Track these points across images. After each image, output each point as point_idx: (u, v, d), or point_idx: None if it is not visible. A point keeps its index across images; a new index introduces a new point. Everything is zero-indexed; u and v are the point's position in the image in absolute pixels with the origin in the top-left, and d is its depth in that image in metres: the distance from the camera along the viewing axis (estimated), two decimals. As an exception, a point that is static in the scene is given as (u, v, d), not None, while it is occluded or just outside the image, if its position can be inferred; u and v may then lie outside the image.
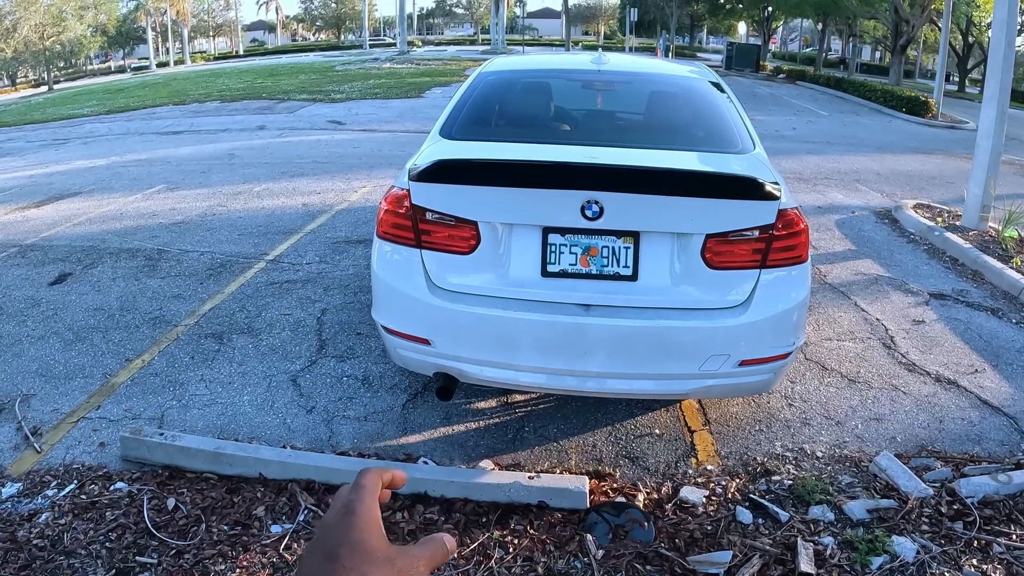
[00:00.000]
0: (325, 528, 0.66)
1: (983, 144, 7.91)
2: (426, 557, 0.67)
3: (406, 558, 0.65)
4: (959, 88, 39.99)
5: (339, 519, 0.66)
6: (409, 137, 14.19)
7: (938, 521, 3.18)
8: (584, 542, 3.04)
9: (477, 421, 4.07)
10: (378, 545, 0.64)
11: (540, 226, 3.27)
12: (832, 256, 7.17)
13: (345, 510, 0.66)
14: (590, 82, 4.99)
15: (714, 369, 3.29)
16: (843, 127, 18.93)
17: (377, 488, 0.70)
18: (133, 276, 6.32)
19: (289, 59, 51.87)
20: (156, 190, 9.91)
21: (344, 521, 0.65)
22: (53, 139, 16.97)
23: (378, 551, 0.63)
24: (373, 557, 0.63)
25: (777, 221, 3.23)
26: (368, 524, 0.65)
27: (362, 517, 0.66)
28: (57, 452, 3.79)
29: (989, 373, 4.72)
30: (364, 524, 0.65)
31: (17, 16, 44.36)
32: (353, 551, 0.62)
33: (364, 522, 0.65)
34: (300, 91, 24.66)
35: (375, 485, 0.70)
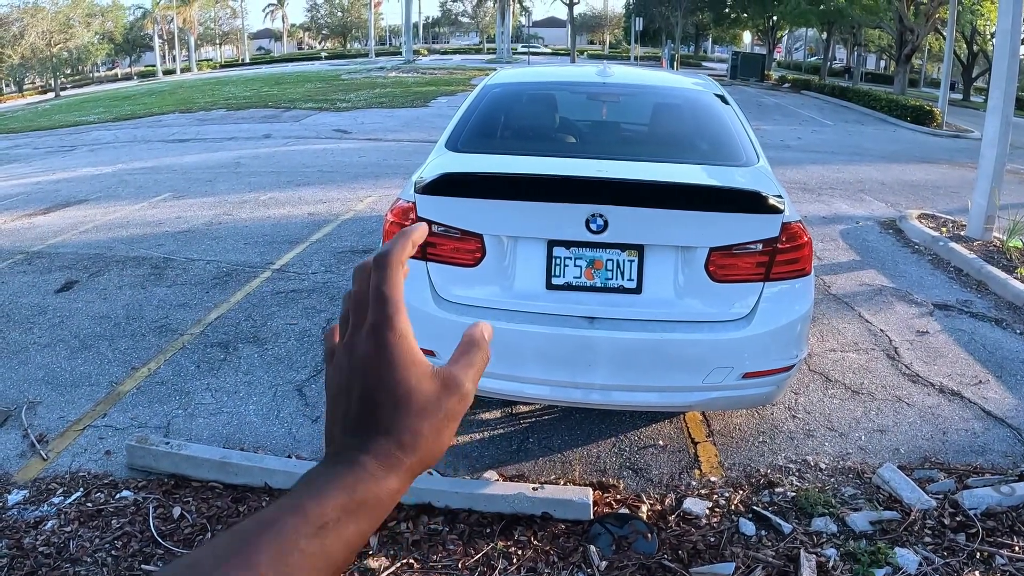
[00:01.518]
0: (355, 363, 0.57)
1: (987, 154, 7.92)
2: (470, 377, 0.59)
3: (451, 390, 0.57)
4: (964, 97, 39.98)
5: (370, 357, 0.56)
6: (415, 146, 14.23)
7: (941, 533, 3.18)
8: (587, 553, 3.05)
9: (481, 432, 4.09)
10: (419, 384, 0.56)
11: (545, 239, 3.29)
12: (836, 267, 7.17)
13: (376, 343, 0.56)
14: (595, 94, 5.02)
15: (718, 381, 3.30)
16: (848, 137, 18.94)
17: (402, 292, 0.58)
18: (139, 284, 6.35)
19: (295, 67, 52.06)
20: (162, 198, 9.96)
21: (376, 357, 0.56)
22: (60, 146, 17.06)
23: (422, 393, 0.56)
24: (418, 403, 0.55)
25: (781, 234, 3.25)
26: (404, 358, 0.56)
27: (395, 350, 0.56)
28: (63, 460, 3.81)
29: (993, 384, 4.72)
30: (400, 359, 0.56)
31: (24, 23, 44.64)
32: (395, 400, 0.55)
33: (400, 356, 0.56)
34: (306, 100, 24.75)
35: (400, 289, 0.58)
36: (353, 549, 0.51)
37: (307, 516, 0.49)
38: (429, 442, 0.55)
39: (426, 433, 0.55)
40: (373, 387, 0.55)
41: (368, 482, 0.52)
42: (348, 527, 0.51)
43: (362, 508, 0.52)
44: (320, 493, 0.51)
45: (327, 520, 0.50)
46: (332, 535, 0.50)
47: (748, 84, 40.02)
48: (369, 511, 0.52)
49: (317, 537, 0.49)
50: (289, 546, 0.48)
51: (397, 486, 0.54)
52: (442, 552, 3.09)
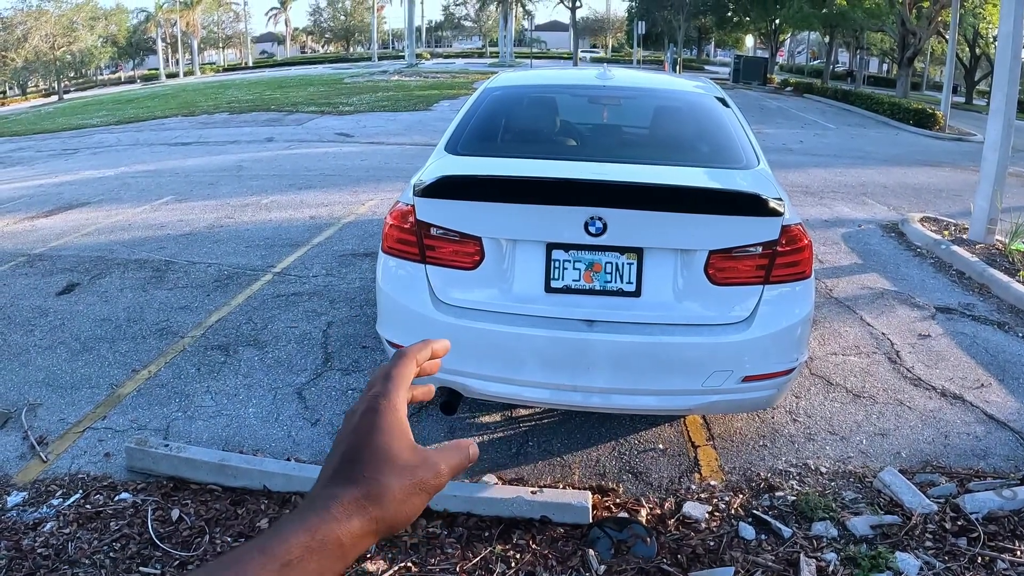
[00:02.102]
0: (348, 426, 0.64)
1: (990, 157, 7.91)
2: (449, 465, 0.64)
3: (427, 467, 0.62)
4: (966, 100, 39.94)
5: (362, 419, 0.63)
6: (417, 150, 14.24)
7: (942, 537, 3.17)
8: (586, 557, 3.04)
9: (481, 435, 4.08)
10: (400, 451, 0.61)
11: (544, 242, 3.29)
12: (838, 270, 7.16)
13: (369, 408, 0.63)
14: (595, 97, 5.02)
15: (717, 385, 3.29)
16: (850, 140, 18.93)
17: (409, 378, 0.67)
18: (140, 287, 6.35)
19: (298, 71, 52.14)
20: (164, 201, 9.97)
21: (367, 422, 0.62)
22: (63, 149, 17.09)
23: (399, 458, 0.61)
24: (393, 465, 0.60)
25: (780, 237, 3.24)
26: (392, 426, 0.62)
27: (387, 417, 0.63)
28: (63, 462, 3.81)
29: (995, 387, 4.70)
30: (388, 425, 0.62)
31: (28, 26, 44.76)
32: (373, 457, 0.60)
33: (388, 423, 0.62)
34: (308, 103, 24.81)
35: (406, 375, 0.67)
36: None
37: (272, 554, 0.53)
38: (396, 502, 0.60)
39: (395, 491, 0.60)
40: (357, 446, 0.61)
41: (330, 523, 0.57)
42: (309, 565, 0.54)
43: (324, 548, 0.55)
44: (285, 533, 0.55)
45: (291, 558, 0.53)
46: (294, 573, 0.53)
47: (750, 88, 40.03)
48: (330, 552, 0.56)
49: (280, 574, 0.52)
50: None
51: (359, 531, 0.58)
52: (440, 555, 3.08)
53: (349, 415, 0.65)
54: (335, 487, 0.59)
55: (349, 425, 0.63)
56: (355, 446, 0.61)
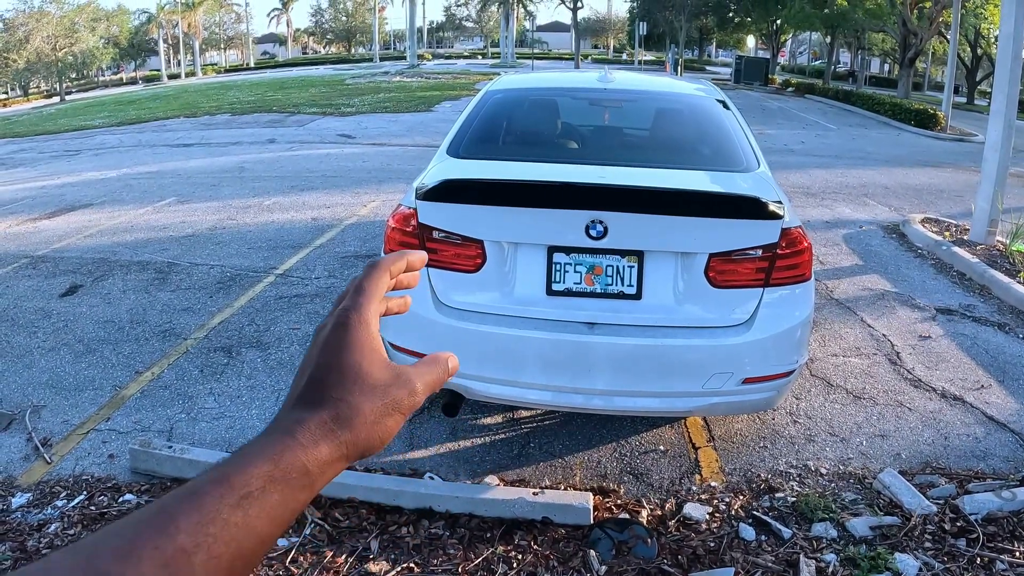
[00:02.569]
0: (315, 346, 0.59)
1: (991, 157, 7.92)
2: (425, 381, 0.60)
3: (401, 384, 0.58)
4: (968, 100, 39.94)
5: (330, 336, 0.58)
6: (419, 151, 14.27)
7: (941, 538, 3.19)
8: (587, 558, 3.06)
9: (483, 437, 4.10)
10: (372, 369, 0.57)
11: (545, 245, 3.31)
12: (839, 271, 7.17)
13: (338, 324, 0.59)
14: (596, 100, 5.03)
15: (718, 387, 3.31)
16: (851, 140, 18.93)
17: (382, 290, 0.62)
18: (143, 289, 6.37)
19: (299, 72, 52.18)
20: (167, 203, 10.00)
21: (335, 339, 0.58)
22: (65, 150, 17.12)
23: (370, 376, 0.57)
24: (364, 384, 0.56)
25: (780, 240, 3.25)
26: (362, 342, 0.58)
27: (356, 333, 0.58)
28: (67, 463, 3.83)
29: (995, 389, 4.72)
30: (358, 341, 0.58)
31: (30, 27, 44.80)
32: (342, 376, 0.56)
33: (358, 339, 0.58)
34: (310, 104, 24.83)
35: (379, 286, 0.62)
36: (278, 522, 0.50)
37: (230, 485, 0.49)
38: (368, 423, 0.55)
39: (366, 412, 0.55)
40: (325, 365, 0.57)
41: (295, 450, 0.52)
42: (272, 497, 0.50)
43: (287, 477, 0.51)
44: (245, 462, 0.50)
45: (251, 489, 0.49)
46: (256, 505, 0.49)
47: (752, 88, 40.03)
48: (295, 481, 0.51)
49: (240, 507, 0.48)
50: (210, 515, 0.47)
51: (327, 457, 0.53)
52: (442, 556, 3.10)
53: (318, 331, 0.60)
54: (300, 410, 0.55)
55: (317, 342, 0.59)
56: (322, 365, 0.57)
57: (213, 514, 0.47)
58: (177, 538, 0.45)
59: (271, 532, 0.50)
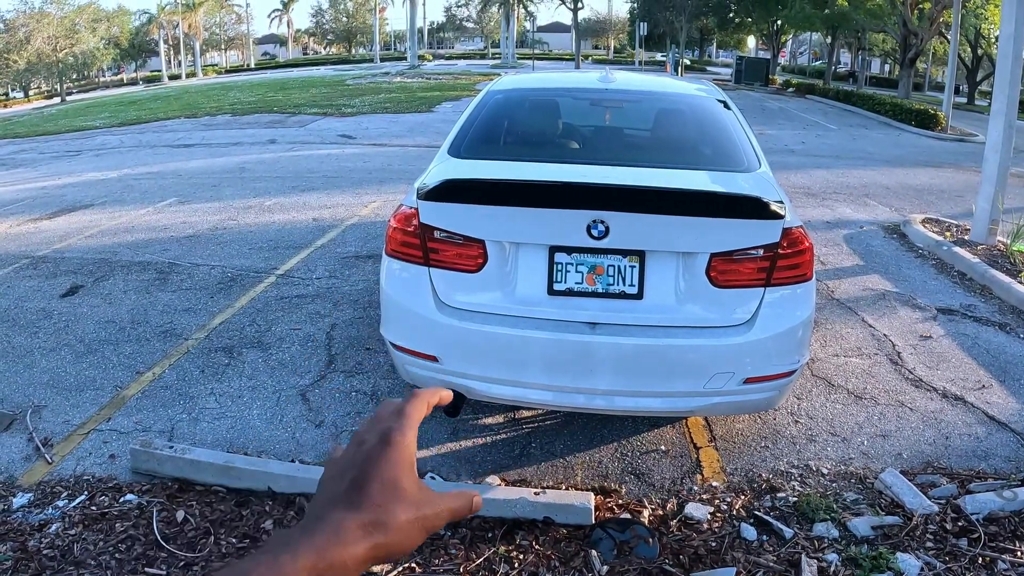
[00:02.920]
0: (359, 453, 0.65)
1: (991, 158, 7.92)
2: (450, 509, 0.66)
3: (431, 506, 0.64)
4: (968, 100, 39.91)
5: (375, 448, 0.64)
6: (419, 152, 14.27)
7: (943, 538, 3.18)
8: (589, 558, 3.06)
9: (484, 437, 4.10)
10: (409, 486, 0.63)
11: (547, 245, 3.31)
12: (840, 271, 7.17)
13: (383, 440, 0.65)
14: (597, 100, 5.03)
15: (719, 387, 3.31)
16: (852, 141, 18.93)
17: (420, 418, 0.69)
18: (144, 289, 6.37)
19: (300, 72, 52.19)
20: (168, 203, 10.00)
21: (379, 452, 0.64)
22: (65, 151, 17.12)
23: (408, 492, 0.63)
24: (401, 497, 0.62)
25: (782, 240, 3.25)
26: (403, 461, 0.64)
27: (399, 452, 0.64)
28: (68, 463, 3.83)
29: (996, 389, 4.71)
30: (400, 460, 0.64)
31: (30, 28, 44.81)
32: (384, 487, 0.62)
33: (401, 457, 0.64)
34: (311, 105, 24.84)
35: (419, 415, 0.69)
36: None
37: (280, 572, 0.54)
38: (400, 531, 0.61)
39: (401, 523, 0.61)
40: (367, 474, 0.63)
41: (338, 547, 0.58)
42: None
43: (329, 570, 0.57)
44: (295, 551, 0.56)
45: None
46: None
47: (753, 89, 40.01)
48: (335, 573, 0.57)
49: None
50: None
51: (363, 557, 0.59)
52: (444, 556, 3.10)
53: (358, 442, 0.66)
54: (344, 511, 0.60)
55: (360, 452, 0.65)
56: (366, 473, 0.62)
57: None
58: None
59: None
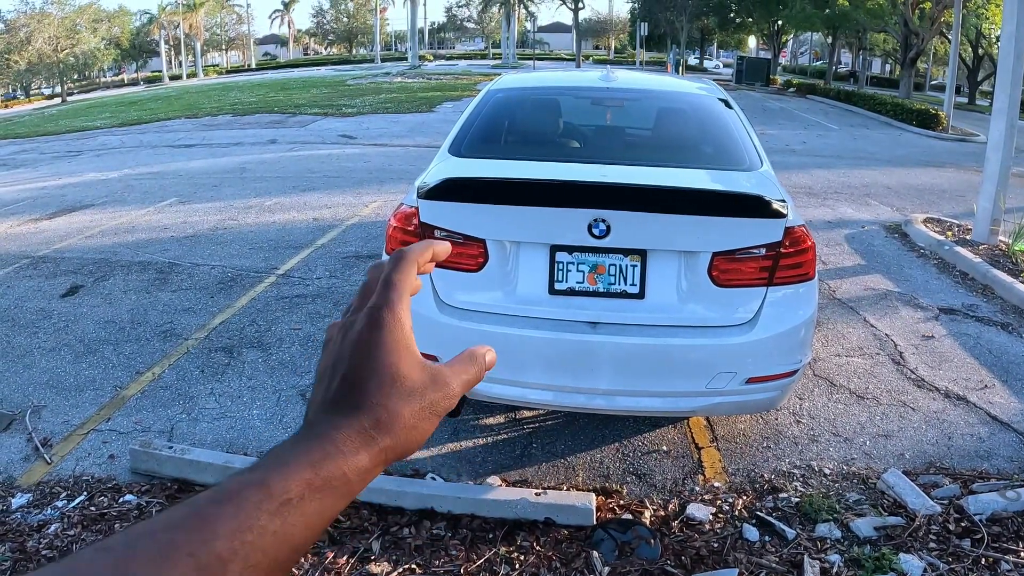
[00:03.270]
0: (346, 344, 0.56)
1: (992, 157, 7.91)
2: (460, 380, 0.58)
3: (438, 386, 0.56)
4: (969, 100, 39.91)
5: (363, 334, 0.56)
6: (420, 152, 14.26)
7: (946, 539, 3.17)
8: (590, 559, 3.05)
9: (485, 437, 4.08)
10: (408, 371, 0.55)
11: (548, 244, 3.29)
12: (841, 271, 7.16)
13: (371, 323, 0.56)
14: (599, 99, 5.02)
15: (721, 387, 3.29)
16: (853, 141, 18.91)
17: (411, 285, 0.60)
18: (144, 289, 6.36)
19: (301, 73, 52.21)
20: (168, 203, 9.99)
21: (369, 339, 0.55)
22: (66, 151, 17.12)
23: (408, 379, 0.55)
24: (401, 388, 0.54)
25: (784, 239, 3.24)
26: (398, 343, 0.56)
27: (392, 333, 0.56)
28: (67, 464, 3.82)
29: (999, 389, 4.70)
30: (394, 342, 0.55)
31: (31, 28, 44.86)
32: (380, 380, 0.54)
33: (394, 340, 0.56)
34: (312, 105, 24.84)
35: (410, 281, 0.59)
36: (314, 529, 0.49)
37: (270, 491, 0.47)
38: (407, 428, 0.54)
39: (405, 417, 0.54)
40: (359, 366, 0.55)
41: (336, 458, 0.50)
42: (311, 505, 0.48)
43: (328, 486, 0.50)
44: (285, 468, 0.49)
45: (290, 496, 0.48)
46: (294, 513, 0.47)
47: (753, 89, 40.01)
48: (335, 489, 0.50)
49: (278, 515, 0.47)
50: (248, 522, 0.45)
51: (367, 465, 0.52)
52: (444, 557, 3.08)
53: (343, 328, 0.58)
54: (338, 415, 0.53)
55: (348, 341, 0.56)
56: (357, 367, 0.54)
57: (251, 521, 0.45)
58: (214, 544, 0.43)
59: (306, 540, 0.49)
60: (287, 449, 0.51)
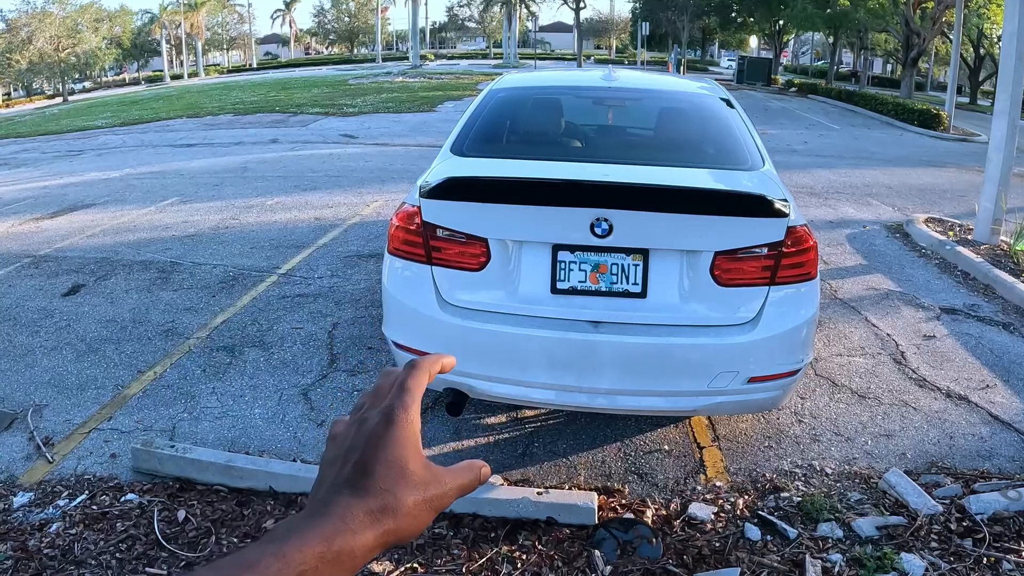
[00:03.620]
0: (361, 434, 0.62)
1: (994, 157, 7.90)
2: (458, 485, 0.63)
3: (439, 485, 0.61)
4: (971, 100, 39.90)
5: (377, 428, 0.61)
6: (421, 151, 14.26)
7: (947, 538, 3.17)
8: (592, 558, 3.05)
9: (487, 436, 4.08)
10: (415, 467, 0.60)
11: (550, 243, 3.29)
12: (843, 271, 7.16)
13: (386, 419, 0.62)
14: (600, 99, 5.02)
15: (723, 386, 3.29)
16: (854, 141, 18.90)
17: (422, 390, 0.65)
18: (146, 288, 6.37)
19: (302, 72, 52.21)
20: (169, 203, 9.99)
21: (383, 432, 0.61)
22: (68, 150, 17.12)
23: (414, 473, 0.60)
24: (408, 480, 0.59)
25: (786, 238, 3.24)
26: (408, 440, 0.61)
27: (403, 430, 0.61)
28: (69, 463, 3.82)
29: (1000, 388, 4.70)
30: (404, 439, 0.61)
31: (33, 28, 44.88)
32: (389, 470, 0.59)
33: (405, 436, 0.61)
34: (313, 104, 24.84)
35: (420, 387, 0.65)
36: None
37: (287, 561, 0.52)
38: (409, 516, 0.59)
39: (409, 506, 0.59)
40: (372, 457, 0.60)
41: (347, 534, 0.55)
42: (322, 575, 0.53)
43: (337, 560, 0.54)
44: (302, 540, 0.54)
45: (305, 568, 0.52)
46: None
47: (755, 88, 39.99)
48: (342, 564, 0.55)
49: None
50: None
51: (371, 544, 0.57)
52: (447, 557, 3.08)
53: (357, 422, 0.64)
54: (349, 496, 0.58)
55: (362, 433, 0.62)
56: (370, 456, 0.60)
57: None
58: None
59: None
60: (303, 523, 0.56)
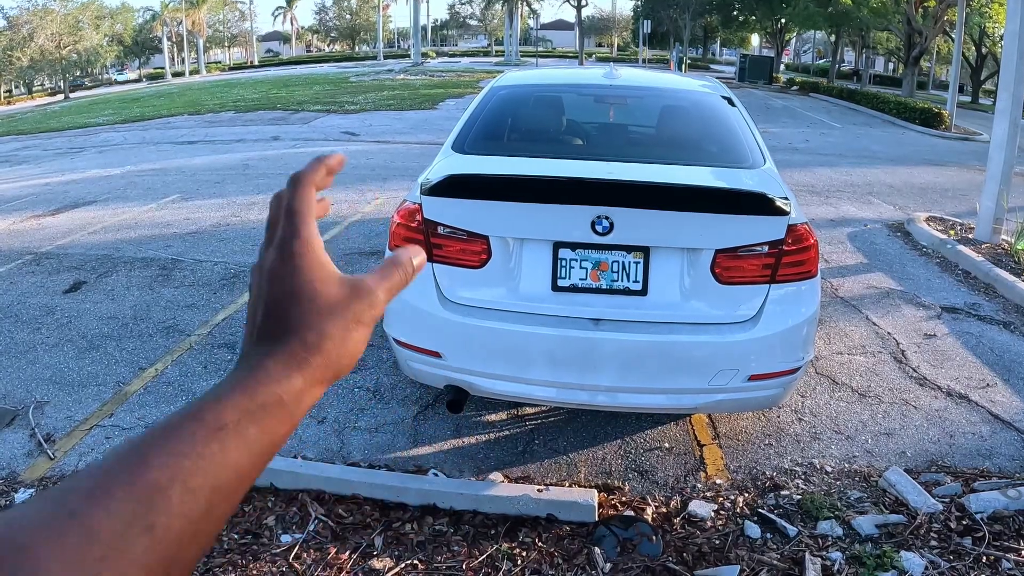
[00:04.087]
0: (263, 279, 0.57)
1: (995, 156, 7.90)
2: (384, 287, 0.59)
3: (362, 296, 0.57)
4: (972, 99, 39.84)
5: (275, 266, 0.57)
6: (423, 149, 14.25)
7: (947, 537, 3.17)
8: (592, 555, 3.05)
9: (487, 433, 4.09)
10: (326, 290, 0.56)
11: (551, 241, 3.30)
12: (844, 269, 7.16)
13: (281, 254, 0.57)
14: (602, 96, 5.02)
15: (723, 384, 3.29)
16: (856, 139, 18.88)
17: (313, 205, 0.61)
18: (147, 285, 6.37)
19: (304, 70, 52.20)
20: (171, 200, 10.00)
21: (281, 268, 0.56)
22: (69, 147, 17.13)
23: (328, 295, 0.55)
24: (322, 305, 0.55)
25: (787, 236, 3.24)
26: (311, 267, 0.56)
27: (303, 259, 0.56)
28: (70, 459, 3.83)
29: (1000, 387, 4.70)
30: (307, 266, 0.56)
31: (34, 25, 44.92)
32: (298, 305, 0.55)
33: (307, 264, 0.56)
34: (314, 102, 24.83)
35: (310, 202, 0.60)
36: (258, 456, 0.50)
37: (203, 419, 0.48)
38: (336, 343, 0.55)
39: (331, 333, 0.55)
40: (279, 296, 0.55)
41: (268, 383, 0.51)
42: (248, 429, 0.49)
43: (263, 409, 0.50)
44: (218, 397, 0.50)
45: (225, 422, 0.48)
46: (232, 438, 0.48)
47: (756, 87, 39.97)
48: (272, 413, 0.51)
49: (215, 440, 0.47)
50: (184, 449, 0.46)
51: (301, 386, 0.53)
52: (447, 553, 3.09)
53: (257, 269, 0.59)
54: (265, 343, 0.54)
55: (263, 277, 0.57)
56: (276, 296, 0.55)
57: (187, 448, 0.46)
58: (149, 473, 0.44)
59: (251, 466, 0.49)
60: (222, 383, 0.52)
